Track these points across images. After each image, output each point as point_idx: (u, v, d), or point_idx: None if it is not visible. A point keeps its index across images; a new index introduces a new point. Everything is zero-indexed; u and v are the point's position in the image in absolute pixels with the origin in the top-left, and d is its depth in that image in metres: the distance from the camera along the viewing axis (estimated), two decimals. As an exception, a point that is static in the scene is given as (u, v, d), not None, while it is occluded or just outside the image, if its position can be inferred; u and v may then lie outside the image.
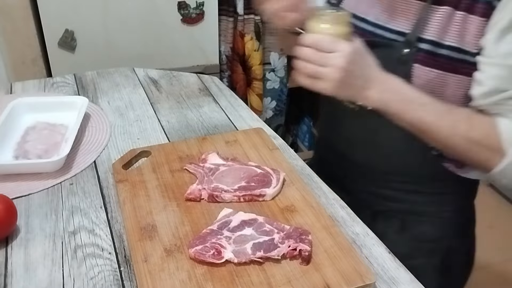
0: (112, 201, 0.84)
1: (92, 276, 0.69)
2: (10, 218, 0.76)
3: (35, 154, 0.94)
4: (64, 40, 1.68)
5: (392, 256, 0.73)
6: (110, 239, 0.76)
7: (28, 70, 1.71)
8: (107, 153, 0.98)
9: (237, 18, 2.05)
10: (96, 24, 1.69)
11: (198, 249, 0.68)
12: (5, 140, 0.97)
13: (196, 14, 1.78)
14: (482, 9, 0.77)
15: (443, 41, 0.82)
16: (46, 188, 0.87)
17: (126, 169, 0.89)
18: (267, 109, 2.15)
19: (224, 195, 0.80)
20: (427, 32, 0.84)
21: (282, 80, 2.11)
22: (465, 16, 0.79)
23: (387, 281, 0.69)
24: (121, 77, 1.30)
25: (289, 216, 0.77)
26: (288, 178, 0.85)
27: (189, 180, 0.85)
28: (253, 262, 0.68)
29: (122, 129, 1.06)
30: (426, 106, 0.79)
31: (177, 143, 0.97)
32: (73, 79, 1.29)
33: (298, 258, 0.69)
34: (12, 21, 1.64)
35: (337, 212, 0.82)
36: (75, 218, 0.80)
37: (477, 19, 0.78)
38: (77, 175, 0.91)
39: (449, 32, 0.81)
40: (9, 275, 0.70)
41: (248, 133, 1.00)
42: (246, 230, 0.73)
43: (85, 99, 1.08)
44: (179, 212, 0.78)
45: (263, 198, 0.80)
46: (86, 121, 1.07)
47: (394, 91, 0.80)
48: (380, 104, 0.80)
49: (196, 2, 1.77)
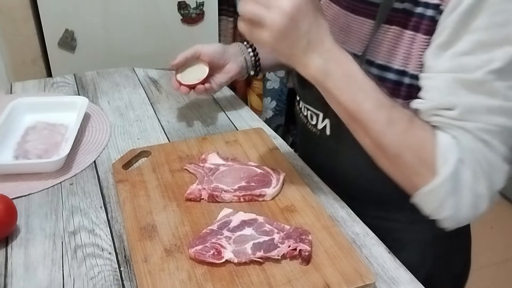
0: (112, 201, 0.84)
1: (92, 276, 0.69)
2: (10, 218, 0.76)
3: (35, 154, 0.94)
4: (64, 40, 1.68)
5: (392, 256, 0.73)
6: (110, 239, 0.76)
7: (28, 70, 1.71)
8: (107, 153, 0.98)
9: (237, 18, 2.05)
10: (96, 24, 1.69)
11: (198, 249, 0.68)
12: (5, 140, 0.97)
13: (196, 14, 1.78)
14: (426, 26, 0.71)
15: (391, 64, 0.76)
16: (46, 188, 0.87)
17: (126, 169, 0.89)
18: (267, 109, 2.15)
19: (224, 195, 0.80)
20: (376, 55, 0.78)
21: (282, 80, 2.11)
22: (413, 36, 0.73)
23: (387, 281, 0.69)
24: (121, 77, 1.30)
25: (289, 216, 0.77)
26: (288, 178, 0.85)
27: (189, 180, 0.85)
28: (253, 262, 0.68)
29: (122, 129, 1.06)
30: (367, 91, 0.68)
31: (177, 143, 0.97)
32: (73, 79, 1.29)
33: (298, 258, 0.69)
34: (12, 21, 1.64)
35: (337, 212, 0.82)
36: (75, 218, 0.80)
37: (422, 38, 0.72)
38: (77, 175, 0.91)
39: (397, 55, 0.75)
40: (9, 275, 0.70)
41: (248, 133, 1.00)
42: (246, 230, 0.73)
43: (85, 99, 1.08)
44: (179, 212, 0.78)
45: (263, 198, 0.80)
46: (86, 121, 1.07)
47: (339, 64, 0.68)
48: (320, 75, 0.68)
49: (196, 2, 1.77)
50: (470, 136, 0.65)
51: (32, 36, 1.68)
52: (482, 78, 0.64)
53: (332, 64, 0.67)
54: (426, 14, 0.71)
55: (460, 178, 0.65)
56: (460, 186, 0.65)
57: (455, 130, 0.66)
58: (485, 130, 0.65)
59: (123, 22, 1.72)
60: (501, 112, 0.64)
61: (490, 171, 0.66)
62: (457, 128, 0.66)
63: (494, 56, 0.63)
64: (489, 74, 0.63)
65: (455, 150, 0.65)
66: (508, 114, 0.64)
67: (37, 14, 1.64)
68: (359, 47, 0.81)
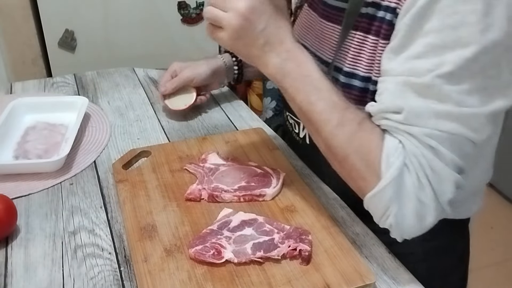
0: (112, 201, 0.84)
1: (92, 276, 0.69)
2: (10, 218, 0.76)
3: (35, 154, 0.94)
4: (64, 40, 1.68)
5: (392, 256, 0.73)
6: (110, 239, 0.76)
7: (28, 70, 1.71)
8: (107, 153, 0.98)
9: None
10: (96, 24, 1.69)
11: (198, 249, 0.68)
12: (5, 140, 0.97)
13: (196, 14, 1.78)
14: (385, 30, 0.69)
15: (356, 71, 0.76)
16: (46, 188, 0.87)
17: (126, 169, 0.89)
18: (267, 109, 2.14)
19: (224, 195, 0.80)
20: (343, 61, 0.77)
21: (282, 80, 2.11)
22: (376, 41, 0.72)
23: (387, 281, 0.69)
24: (121, 77, 1.30)
25: (289, 216, 0.77)
26: (288, 178, 0.85)
27: (189, 180, 0.85)
28: (253, 262, 0.68)
29: (122, 129, 1.06)
30: (321, 92, 0.67)
31: (177, 143, 0.97)
32: (73, 79, 1.29)
33: (298, 258, 0.69)
34: (12, 21, 1.64)
35: (337, 212, 0.82)
36: (75, 218, 0.80)
37: (382, 43, 0.71)
38: (77, 175, 0.91)
39: (361, 61, 0.75)
40: (9, 275, 0.70)
41: (248, 133, 1.00)
42: (246, 230, 0.73)
43: (85, 99, 1.08)
44: (179, 212, 0.78)
45: (263, 198, 0.80)
46: (86, 121, 1.07)
47: (297, 64, 0.68)
48: (278, 75, 0.69)
49: (196, 2, 1.77)
50: (416, 141, 0.63)
51: (32, 36, 1.68)
52: (430, 82, 0.61)
53: (290, 64, 0.68)
54: (386, 18, 0.70)
55: (403, 184, 0.63)
56: (403, 192, 0.63)
57: (401, 134, 0.64)
58: (432, 136, 0.62)
59: (123, 22, 1.72)
60: (450, 117, 0.62)
61: (436, 179, 0.63)
62: (403, 132, 0.64)
63: (445, 59, 0.61)
64: (438, 78, 0.61)
65: (400, 155, 0.63)
66: (459, 120, 0.62)
67: (37, 14, 1.64)
68: (329, 53, 0.81)
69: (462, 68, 0.60)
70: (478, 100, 0.62)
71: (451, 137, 0.62)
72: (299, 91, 0.68)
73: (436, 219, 0.65)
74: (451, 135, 0.62)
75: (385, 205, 0.64)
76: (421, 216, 0.64)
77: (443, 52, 0.61)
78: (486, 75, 0.62)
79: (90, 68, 1.35)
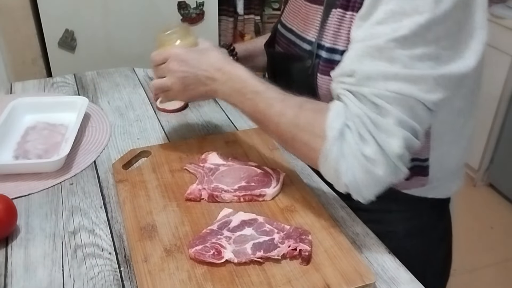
0: (112, 201, 0.84)
1: (92, 276, 0.69)
2: (10, 218, 0.76)
3: (35, 154, 0.94)
4: (64, 40, 1.68)
5: (392, 256, 0.73)
6: (110, 239, 0.76)
7: (28, 70, 1.71)
8: (107, 153, 0.98)
9: (237, 18, 2.05)
10: (96, 24, 1.69)
11: (198, 249, 0.68)
12: (5, 140, 0.97)
13: (196, 14, 1.78)
14: (359, 4, 0.74)
15: (337, 46, 0.80)
16: (46, 188, 0.87)
17: (126, 169, 0.89)
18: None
19: (224, 195, 0.80)
20: (325, 38, 0.82)
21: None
22: (352, 16, 0.77)
23: (387, 281, 0.69)
24: (121, 77, 1.30)
25: (289, 216, 0.77)
26: (288, 178, 0.85)
27: (189, 180, 0.85)
28: (253, 262, 0.68)
29: (122, 129, 1.06)
30: (259, 94, 0.76)
31: (177, 143, 0.97)
32: (73, 79, 1.30)
33: (298, 258, 0.69)
34: (12, 21, 1.64)
35: (337, 212, 0.82)
36: (75, 218, 0.80)
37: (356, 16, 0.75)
38: (77, 175, 0.91)
39: (341, 36, 0.79)
40: (9, 275, 0.70)
41: (248, 133, 1.00)
42: (246, 230, 0.73)
43: (85, 99, 1.08)
44: (179, 212, 0.78)
45: (263, 198, 0.80)
46: (86, 121, 1.07)
47: (234, 82, 0.79)
48: (226, 96, 0.80)
49: (196, 2, 1.77)
50: (360, 102, 0.68)
51: (32, 36, 1.68)
52: (383, 45, 0.66)
53: (228, 84, 0.79)
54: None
55: (345, 141, 0.67)
56: (346, 149, 0.67)
57: (349, 96, 0.69)
58: (380, 95, 0.66)
59: (123, 22, 1.72)
60: (398, 78, 0.66)
61: (381, 135, 0.66)
62: (351, 94, 0.69)
63: (402, 25, 0.65)
64: (391, 42, 0.65)
65: (341, 117, 0.68)
66: (407, 81, 0.66)
67: (37, 14, 1.64)
68: (313, 33, 0.86)
69: (416, 34, 0.65)
70: (428, 66, 0.66)
71: (399, 97, 0.66)
72: (242, 102, 0.79)
73: (391, 175, 0.68)
74: (399, 95, 0.66)
75: (333, 166, 0.68)
76: (369, 171, 0.67)
77: (401, 18, 0.65)
78: (439, 45, 0.66)
79: (90, 68, 1.35)
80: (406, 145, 0.67)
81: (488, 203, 2.28)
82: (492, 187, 2.35)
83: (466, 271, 1.87)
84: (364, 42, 0.69)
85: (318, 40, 0.84)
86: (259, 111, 0.76)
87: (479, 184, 2.37)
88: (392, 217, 0.88)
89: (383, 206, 0.82)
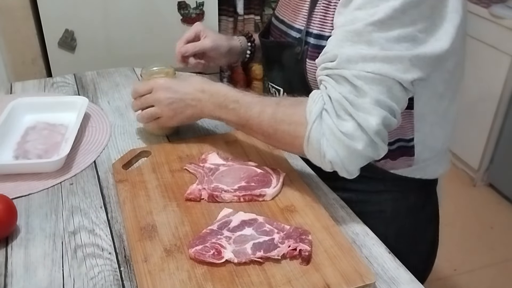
0: (112, 201, 0.84)
1: (92, 276, 0.69)
2: (10, 218, 0.76)
3: (35, 154, 0.94)
4: (64, 40, 1.68)
5: (392, 256, 0.73)
6: (110, 239, 0.76)
7: (28, 70, 1.71)
8: (107, 153, 0.98)
9: (237, 18, 2.05)
10: (96, 24, 1.69)
11: (198, 249, 0.68)
12: (5, 140, 0.97)
13: (196, 14, 1.78)
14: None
15: (324, 32, 0.85)
16: (46, 188, 0.87)
17: (126, 169, 0.89)
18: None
19: (224, 195, 0.80)
20: (312, 26, 0.88)
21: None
22: (337, 3, 0.80)
23: (387, 281, 0.69)
24: (121, 77, 1.30)
25: (289, 216, 0.77)
26: (288, 178, 0.85)
27: (189, 180, 0.85)
28: (253, 262, 0.68)
29: (122, 129, 1.06)
30: (238, 102, 0.83)
31: (177, 143, 0.97)
32: (73, 79, 1.30)
33: (298, 258, 0.69)
34: (12, 21, 1.64)
35: (337, 212, 0.82)
36: (75, 218, 0.80)
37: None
38: (77, 175, 0.91)
39: (327, 23, 0.84)
40: (9, 275, 0.70)
41: (248, 133, 1.00)
42: (246, 230, 0.73)
43: (85, 99, 1.08)
44: (179, 212, 0.78)
45: (263, 198, 0.80)
46: (86, 121, 1.07)
47: (216, 97, 0.86)
48: (212, 112, 0.87)
49: (196, 2, 1.77)
50: (343, 83, 0.72)
51: (32, 36, 1.68)
52: (361, 29, 0.71)
53: (213, 99, 0.86)
54: None
55: (324, 122, 0.73)
56: (325, 129, 0.73)
57: (330, 81, 0.74)
58: (359, 77, 0.71)
59: (123, 22, 1.72)
60: (376, 59, 0.70)
61: (359, 113, 0.71)
62: (331, 79, 0.74)
63: (378, 9, 0.70)
64: (369, 26, 0.70)
65: (319, 102, 0.73)
66: (384, 61, 0.70)
67: (37, 14, 1.64)
68: (302, 22, 0.92)
69: (392, 18, 0.70)
70: (404, 47, 0.71)
71: (378, 77, 0.71)
72: (226, 113, 0.85)
73: (371, 150, 0.73)
74: (377, 76, 0.71)
75: (316, 146, 0.73)
76: (349, 146, 0.72)
77: (378, 3, 0.70)
78: (415, 28, 0.71)
79: (90, 68, 1.35)
80: (384, 123, 0.72)
81: (488, 203, 2.28)
82: (492, 187, 2.35)
83: (466, 271, 1.87)
84: (344, 27, 0.73)
85: (306, 28, 0.89)
86: (242, 116, 0.83)
87: (479, 184, 2.37)
88: (381, 198, 0.93)
89: (372, 187, 0.92)
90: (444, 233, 1.06)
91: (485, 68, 2.20)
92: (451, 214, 2.02)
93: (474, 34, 2.17)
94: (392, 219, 0.94)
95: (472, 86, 2.25)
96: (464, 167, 2.45)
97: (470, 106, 2.28)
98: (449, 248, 1.88)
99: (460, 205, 2.23)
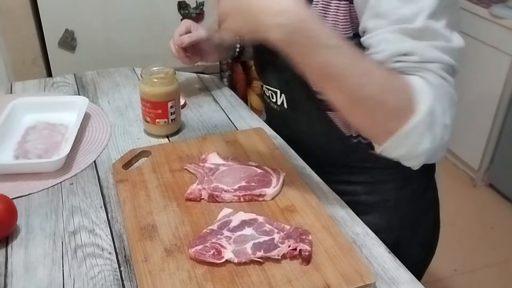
0: (112, 201, 0.84)
1: (92, 276, 0.69)
2: (10, 218, 0.76)
3: (35, 154, 0.94)
4: (64, 40, 1.68)
5: (392, 256, 0.73)
6: (110, 239, 0.76)
7: (28, 70, 1.71)
8: (107, 153, 0.98)
9: (237, 18, 2.05)
10: (96, 24, 1.69)
11: (198, 249, 0.68)
12: (5, 140, 0.97)
13: (196, 14, 1.78)
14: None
15: None
16: (46, 188, 0.87)
17: (126, 169, 0.89)
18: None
19: (224, 195, 0.80)
20: None
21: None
22: (338, 4, 0.80)
23: (387, 281, 0.69)
24: (121, 77, 1.30)
25: (289, 216, 0.77)
26: (288, 178, 0.85)
27: (189, 180, 0.85)
28: (253, 262, 0.68)
29: (122, 129, 1.06)
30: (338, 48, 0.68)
31: (177, 143, 0.97)
32: (73, 79, 1.30)
33: (298, 258, 0.69)
34: (12, 21, 1.64)
35: (337, 212, 0.82)
36: (75, 218, 0.80)
37: (343, 4, 0.79)
38: (77, 175, 0.91)
39: (327, 23, 0.82)
40: (9, 275, 0.70)
41: (248, 133, 1.00)
42: (246, 230, 0.73)
43: (85, 99, 1.08)
44: (179, 212, 0.78)
45: (263, 198, 0.80)
46: (86, 121, 1.07)
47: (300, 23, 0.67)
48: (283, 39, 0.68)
49: (196, 2, 1.77)
50: (435, 75, 0.70)
51: (32, 36, 1.68)
52: (424, 25, 0.69)
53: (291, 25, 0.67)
54: None
55: (434, 113, 0.69)
56: (435, 120, 0.69)
57: (421, 71, 0.70)
58: (442, 68, 0.70)
59: (123, 22, 1.72)
60: (445, 51, 0.70)
61: (452, 104, 0.71)
62: (422, 70, 0.70)
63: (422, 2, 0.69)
64: (428, 20, 0.69)
65: (429, 88, 0.69)
66: (450, 54, 0.70)
67: (37, 14, 1.64)
68: None
69: (439, 6, 0.69)
70: (454, 36, 0.71)
71: (450, 68, 0.71)
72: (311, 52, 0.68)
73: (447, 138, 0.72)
74: (448, 66, 0.71)
75: (420, 135, 0.68)
76: (443, 139, 0.70)
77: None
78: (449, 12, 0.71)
79: (90, 68, 1.35)
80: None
81: (488, 203, 2.28)
82: (492, 187, 2.35)
83: (466, 271, 1.87)
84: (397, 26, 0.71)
85: None
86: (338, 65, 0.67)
87: (479, 184, 2.37)
88: (385, 187, 0.95)
89: (376, 177, 0.92)
90: (444, 233, 1.07)
91: (485, 68, 2.20)
92: (452, 214, 2.02)
93: (474, 34, 2.17)
94: (395, 208, 0.95)
95: (472, 86, 2.25)
96: (464, 168, 2.45)
97: (470, 106, 2.28)
98: (449, 248, 1.88)
99: (461, 206, 2.23)
